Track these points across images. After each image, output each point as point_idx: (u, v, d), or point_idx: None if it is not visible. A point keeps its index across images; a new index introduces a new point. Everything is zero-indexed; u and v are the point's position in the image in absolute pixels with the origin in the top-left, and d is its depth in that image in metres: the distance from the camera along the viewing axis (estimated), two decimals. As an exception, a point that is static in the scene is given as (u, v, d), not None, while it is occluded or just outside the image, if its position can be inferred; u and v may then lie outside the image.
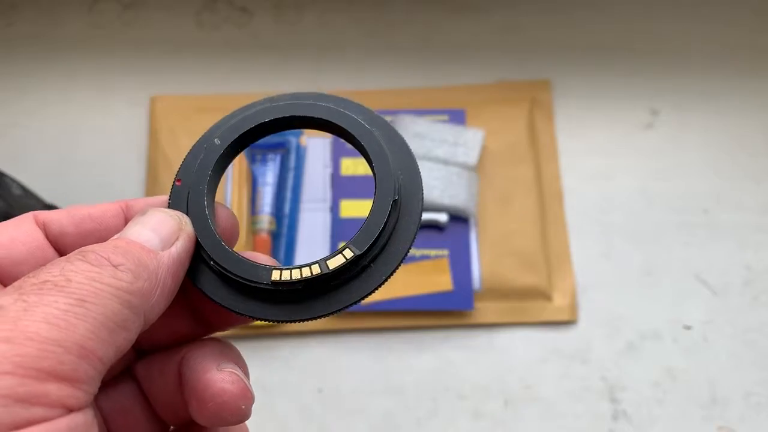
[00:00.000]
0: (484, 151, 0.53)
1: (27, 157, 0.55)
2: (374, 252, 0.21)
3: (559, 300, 0.50)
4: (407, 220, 0.22)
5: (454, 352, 0.49)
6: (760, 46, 0.58)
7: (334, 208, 0.52)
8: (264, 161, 0.53)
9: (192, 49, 0.58)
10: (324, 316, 0.21)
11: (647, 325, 0.49)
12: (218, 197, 0.52)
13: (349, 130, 0.23)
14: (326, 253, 0.50)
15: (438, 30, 0.59)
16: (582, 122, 0.56)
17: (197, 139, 0.25)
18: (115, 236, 0.21)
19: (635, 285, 0.51)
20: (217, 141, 0.24)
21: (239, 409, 0.21)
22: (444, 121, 0.54)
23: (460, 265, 0.50)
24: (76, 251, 0.19)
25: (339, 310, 0.21)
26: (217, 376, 0.21)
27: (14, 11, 0.60)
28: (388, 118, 0.54)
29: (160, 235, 0.21)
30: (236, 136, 0.24)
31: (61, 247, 0.22)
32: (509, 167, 0.53)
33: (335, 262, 0.20)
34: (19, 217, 0.22)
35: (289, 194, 0.52)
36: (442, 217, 0.50)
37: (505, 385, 0.49)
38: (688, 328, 0.50)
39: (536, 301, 0.50)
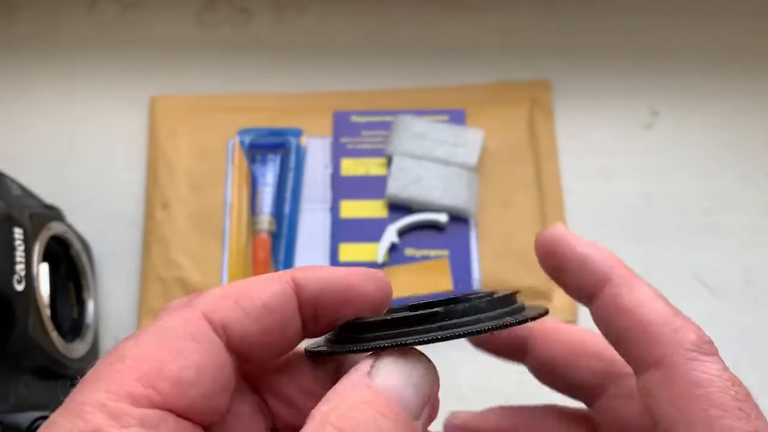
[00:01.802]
0: (484, 151, 0.53)
1: (27, 157, 0.55)
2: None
3: (559, 300, 0.50)
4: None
5: (453, 352, 0.49)
6: (760, 48, 0.58)
7: (334, 209, 0.52)
8: (264, 161, 0.53)
9: (192, 49, 0.58)
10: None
11: (647, 325, 0.49)
12: (217, 199, 0.52)
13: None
14: (326, 253, 0.50)
15: (438, 30, 0.59)
16: (582, 122, 0.56)
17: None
18: (368, 381, 0.17)
19: (635, 285, 0.51)
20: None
21: None
22: (444, 121, 0.54)
23: (460, 265, 0.50)
24: (330, 424, 0.16)
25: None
26: None
27: (14, 11, 0.60)
28: (388, 118, 0.54)
29: (420, 394, 0.18)
30: None
31: (239, 350, 0.18)
32: (509, 167, 0.53)
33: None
34: (188, 321, 0.18)
35: (289, 194, 0.52)
36: (442, 218, 0.50)
37: (505, 385, 0.49)
38: (688, 328, 0.50)
39: (536, 301, 0.50)
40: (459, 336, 0.19)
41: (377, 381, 0.18)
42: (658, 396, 0.20)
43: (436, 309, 0.19)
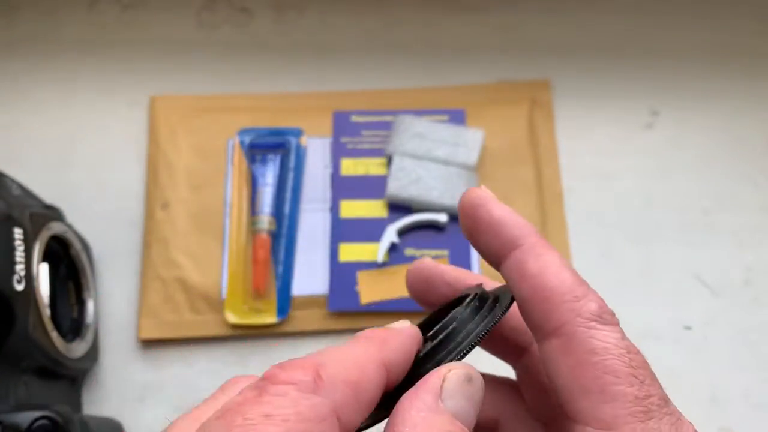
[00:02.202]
0: (484, 152, 0.53)
1: (27, 157, 0.55)
2: None
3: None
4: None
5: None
6: (760, 48, 0.58)
7: (334, 209, 0.52)
8: (264, 161, 0.53)
9: (192, 49, 0.58)
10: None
11: (647, 325, 0.49)
12: (217, 199, 0.52)
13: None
14: (326, 253, 0.50)
15: (438, 30, 0.59)
16: (582, 122, 0.56)
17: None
18: (442, 406, 0.18)
19: (635, 285, 0.51)
20: None
21: None
22: (444, 121, 0.54)
23: (460, 265, 0.49)
24: None
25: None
26: None
27: (14, 12, 0.60)
28: (388, 118, 0.54)
29: (476, 409, 0.19)
30: None
31: None
32: (509, 168, 0.53)
33: None
34: (323, 421, 0.17)
35: (289, 194, 0.52)
36: (442, 217, 0.50)
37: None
38: (688, 328, 0.50)
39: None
40: (483, 335, 0.21)
41: (450, 405, 0.18)
42: (556, 364, 0.20)
43: (454, 325, 0.21)
